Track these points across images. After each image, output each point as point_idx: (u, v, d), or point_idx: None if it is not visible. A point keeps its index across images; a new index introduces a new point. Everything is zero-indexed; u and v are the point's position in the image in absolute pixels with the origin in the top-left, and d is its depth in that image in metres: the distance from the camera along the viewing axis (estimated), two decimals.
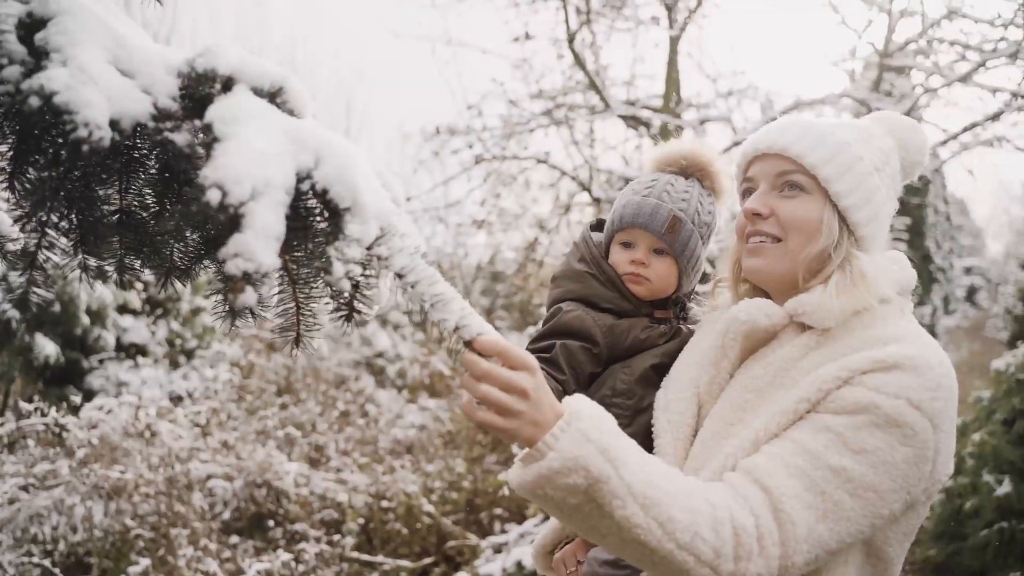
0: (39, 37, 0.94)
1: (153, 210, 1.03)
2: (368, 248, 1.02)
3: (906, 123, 1.71)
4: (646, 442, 1.63)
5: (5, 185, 0.98)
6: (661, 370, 1.79)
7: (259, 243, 0.87)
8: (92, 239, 0.95)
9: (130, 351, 8.11)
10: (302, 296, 0.99)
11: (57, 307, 7.21)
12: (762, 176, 1.67)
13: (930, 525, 5.98)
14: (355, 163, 0.98)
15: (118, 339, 8.03)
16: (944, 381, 1.44)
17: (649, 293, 1.85)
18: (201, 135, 0.92)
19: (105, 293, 7.57)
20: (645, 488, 1.30)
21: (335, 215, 0.97)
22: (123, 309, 8.21)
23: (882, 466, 1.38)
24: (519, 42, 6.52)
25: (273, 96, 1.01)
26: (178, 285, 1.07)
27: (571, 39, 6.14)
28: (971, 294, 36.18)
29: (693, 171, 1.89)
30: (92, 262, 0.99)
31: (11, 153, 0.97)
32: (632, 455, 1.33)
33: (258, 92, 1.00)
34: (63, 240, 0.95)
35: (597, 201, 6.55)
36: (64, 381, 7.46)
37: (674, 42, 6.52)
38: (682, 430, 1.66)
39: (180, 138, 0.93)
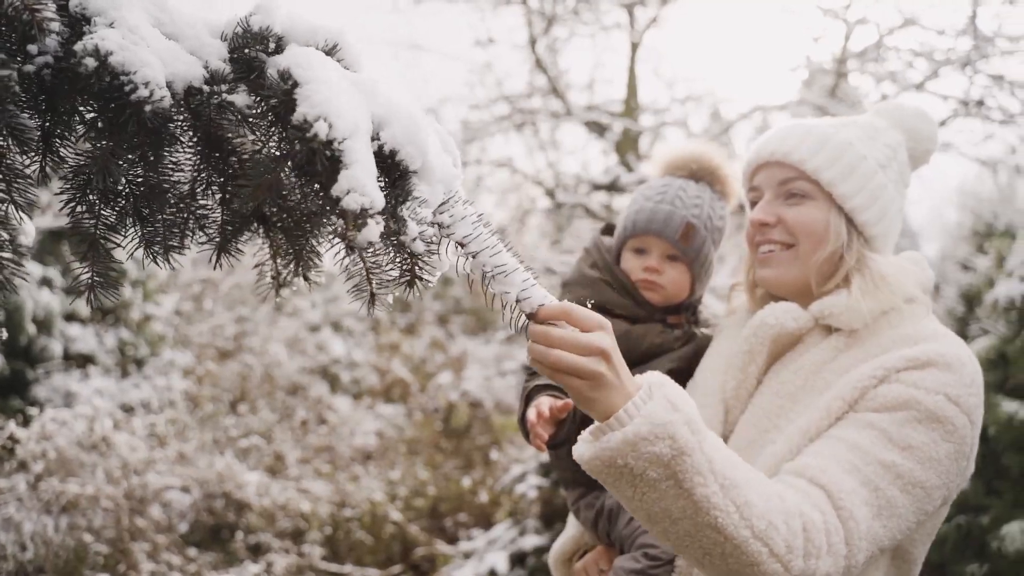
0: (74, 3, 0.87)
1: (187, 184, 0.97)
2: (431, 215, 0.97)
3: (912, 112, 1.68)
4: None
5: (35, 168, 0.90)
6: (678, 375, 1.75)
7: (368, 179, 0.81)
8: (150, 212, 0.88)
9: (78, 361, 7.82)
10: (370, 260, 0.93)
11: (1, 315, 6.91)
12: (766, 185, 1.65)
13: None
14: (421, 124, 0.93)
15: (65, 348, 7.73)
16: (976, 378, 1.43)
17: (663, 300, 1.83)
18: (280, 82, 0.85)
19: (52, 301, 7.29)
20: (725, 468, 1.22)
21: (404, 177, 0.91)
22: (71, 317, 7.92)
23: (928, 462, 1.36)
24: (482, 46, 6.48)
25: (328, 54, 0.95)
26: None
27: (533, 42, 6.15)
28: None
29: (703, 175, 1.87)
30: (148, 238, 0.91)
31: (39, 133, 0.89)
32: (711, 433, 1.26)
33: None
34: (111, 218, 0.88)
35: (560, 207, 6.54)
36: (8, 392, 7.15)
37: (635, 48, 6.57)
38: None
39: (239, 99, 0.87)
